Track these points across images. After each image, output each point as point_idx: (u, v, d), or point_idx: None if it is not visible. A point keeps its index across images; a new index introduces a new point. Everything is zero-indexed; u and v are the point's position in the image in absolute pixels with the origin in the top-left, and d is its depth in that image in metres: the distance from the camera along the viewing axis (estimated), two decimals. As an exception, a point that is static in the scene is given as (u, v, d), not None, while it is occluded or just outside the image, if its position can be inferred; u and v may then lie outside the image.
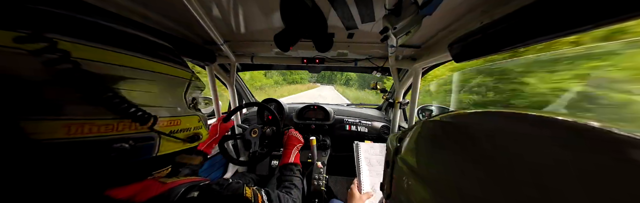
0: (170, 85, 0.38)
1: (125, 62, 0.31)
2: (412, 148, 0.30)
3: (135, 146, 0.32)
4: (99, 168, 0.31)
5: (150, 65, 0.35)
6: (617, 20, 0.33)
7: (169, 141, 0.39)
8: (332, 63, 1.35)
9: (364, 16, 0.79)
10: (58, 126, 0.25)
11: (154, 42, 0.39)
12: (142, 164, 0.37)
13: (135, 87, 0.32)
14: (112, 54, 0.30)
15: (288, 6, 0.72)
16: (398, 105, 1.51)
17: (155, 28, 0.83)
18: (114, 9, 0.67)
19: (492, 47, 0.56)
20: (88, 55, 0.28)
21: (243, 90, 1.97)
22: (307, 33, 0.90)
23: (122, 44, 0.32)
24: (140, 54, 0.33)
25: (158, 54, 0.37)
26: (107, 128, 0.29)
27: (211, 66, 1.32)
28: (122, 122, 0.31)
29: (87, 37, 0.29)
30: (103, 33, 0.31)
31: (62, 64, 0.25)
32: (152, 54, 0.36)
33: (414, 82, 1.25)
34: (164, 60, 0.37)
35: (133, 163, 0.35)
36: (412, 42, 1.08)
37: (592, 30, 0.36)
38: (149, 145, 0.35)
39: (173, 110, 0.39)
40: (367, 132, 1.70)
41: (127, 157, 0.32)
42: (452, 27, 0.82)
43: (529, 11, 0.45)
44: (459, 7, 0.67)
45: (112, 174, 0.34)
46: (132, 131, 0.32)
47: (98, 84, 0.28)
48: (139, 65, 0.33)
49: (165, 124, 0.37)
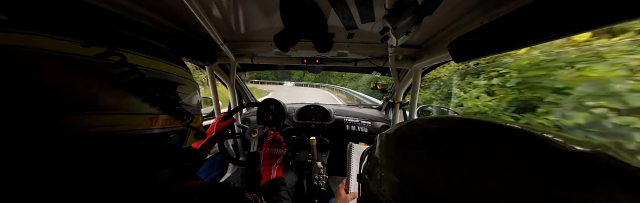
0: (191, 88, 0.45)
1: (169, 70, 0.39)
2: (382, 147, 0.34)
3: (178, 138, 0.40)
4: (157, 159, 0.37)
5: (182, 73, 0.42)
6: (617, 20, 0.33)
7: (190, 136, 0.45)
8: (332, 63, 1.35)
9: (364, 16, 0.79)
10: (142, 119, 0.32)
11: (178, 56, 0.47)
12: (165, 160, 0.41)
13: (178, 90, 0.40)
14: (160, 64, 0.37)
15: (288, 6, 0.72)
16: (398, 105, 1.51)
17: (155, 28, 0.83)
18: (114, 9, 0.67)
19: (492, 47, 0.56)
20: (146, 64, 0.34)
21: (243, 90, 1.97)
22: (307, 33, 0.90)
23: (164, 56, 0.39)
24: (175, 64, 0.41)
25: (184, 63, 0.45)
26: (166, 122, 0.36)
27: (211, 66, 1.32)
28: (172, 118, 0.38)
29: (143, 51, 0.35)
30: (151, 48, 0.38)
31: (133, 74, 0.31)
32: (182, 64, 0.44)
33: (414, 82, 1.25)
34: (186, 68, 0.45)
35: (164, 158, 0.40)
36: (412, 42, 1.08)
37: (592, 30, 0.36)
38: (183, 138, 0.42)
39: (194, 109, 0.46)
40: (367, 132, 1.70)
41: (173, 147, 0.40)
42: (452, 27, 0.82)
43: (529, 11, 0.45)
44: (459, 7, 0.67)
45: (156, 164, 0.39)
46: (178, 125, 0.40)
47: (157, 88, 0.34)
48: (176, 72, 0.40)
49: (193, 120, 0.45)
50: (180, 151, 0.45)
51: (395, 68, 1.33)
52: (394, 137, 0.32)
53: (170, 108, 0.37)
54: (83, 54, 0.27)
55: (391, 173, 0.27)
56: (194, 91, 0.46)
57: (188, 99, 0.43)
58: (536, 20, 0.43)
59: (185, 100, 0.41)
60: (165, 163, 0.42)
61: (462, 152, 0.23)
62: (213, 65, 1.32)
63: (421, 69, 1.20)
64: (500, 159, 0.20)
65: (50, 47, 0.25)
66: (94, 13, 0.61)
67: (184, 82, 0.42)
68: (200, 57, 1.12)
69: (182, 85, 0.41)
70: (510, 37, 0.50)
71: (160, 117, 0.35)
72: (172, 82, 0.39)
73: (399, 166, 0.27)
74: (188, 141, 0.44)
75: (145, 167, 0.36)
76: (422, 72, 1.26)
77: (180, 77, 0.41)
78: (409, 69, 1.25)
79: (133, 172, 0.35)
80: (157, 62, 0.36)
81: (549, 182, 0.17)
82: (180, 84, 0.40)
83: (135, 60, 0.32)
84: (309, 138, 1.34)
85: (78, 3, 0.57)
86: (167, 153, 0.40)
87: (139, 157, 0.34)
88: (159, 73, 0.36)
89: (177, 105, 0.38)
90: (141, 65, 0.33)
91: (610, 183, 0.16)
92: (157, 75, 0.36)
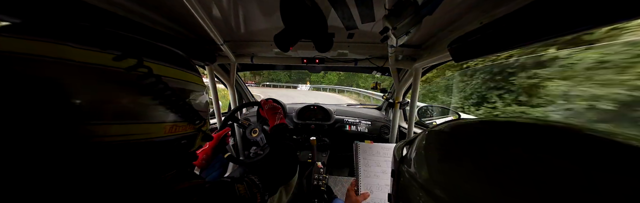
0: (202, 92, 0.46)
1: (187, 78, 0.39)
2: (421, 160, 0.30)
3: (188, 142, 0.40)
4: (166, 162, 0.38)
5: (197, 79, 0.43)
6: (617, 19, 0.33)
7: (198, 139, 0.45)
8: (332, 63, 1.35)
9: (364, 16, 0.79)
10: (162, 127, 0.33)
11: (193, 62, 0.48)
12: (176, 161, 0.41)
13: (193, 97, 0.40)
14: (178, 72, 0.38)
15: (288, 6, 0.72)
16: (398, 105, 1.51)
17: (155, 28, 0.83)
18: (114, 9, 0.67)
19: (492, 47, 0.56)
20: (170, 74, 0.35)
21: (243, 90, 1.97)
22: (307, 33, 0.90)
23: (182, 64, 0.40)
24: (191, 71, 0.42)
25: (196, 68, 0.46)
26: (183, 128, 0.37)
27: (211, 66, 1.32)
28: (187, 124, 0.38)
29: (166, 61, 0.36)
30: (172, 56, 0.38)
31: (159, 85, 0.31)
32: (196, 70, 0.45)
33: (414, 82, 1.25)
34: (198, 74, 0.46)
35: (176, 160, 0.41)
36: (412, 42, 1.08)
37: (592, 30, 0.36)
38: (192, 142, 0.43)
39: (205, 113, 0.46)
40: (367, 132, 1.70)
41: (183, 151, 0.41)
42: (452, 27, 0.82)
43: (529, 11, 0.45)
44: (459, 7, 0.67)
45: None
46: (190, 130, 0.40)
47: (179, 97, 0.35)
48: (193, 80, 0.41)
49: (204, 124, 0.45)
50: (188, 154, 0.45)
51: (395, 68, 1.33)
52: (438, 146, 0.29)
53: (189, 115, 0.38)
54: (114, 66, 0.28)
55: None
56: (204, 94, 0.47)
57: (201, 104, 0.43)
58: (536, 20, 0.43)
59: (200, 106, 0.42)
60: (172, 165, 0.42)
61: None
62: (213, 65, 1.32)
63: (421, 68, 1.20)
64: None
65: (79, 58, 0.25)
66: (95, 13, 0.61)
67: (197, 88, 0.42)
68: (200, 57, 1.12)
69: (196, 92, 0.42)
70: (510, 37, 0.50)
71: (179, 124, 0.36)
72: (190, 89, 0.40)
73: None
74: (196, 144, 0.45)
75: (153, 170, 0.37)
76: (422, 72, 1.26)
77: (197, 84, 0.42)
78: (409, 68, 1.25)
79: (141, 175, 0.35)
80: (177, 71, 0.37)
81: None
82: (195, 91, 0.41)
83: (160, 70, 0.33)
84: (309, 138, 1.34)
85: (79, 4, 0.57)
86: (175, 156, 0.40)
87: (149, 161, 0.35)
88: (179, 82, 0.37)
89: (195, 112, 0.39)
90: (165, 75, 0.34)
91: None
92: (179, 85, 0.37)
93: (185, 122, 0.38)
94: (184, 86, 0.38)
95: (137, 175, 0.34)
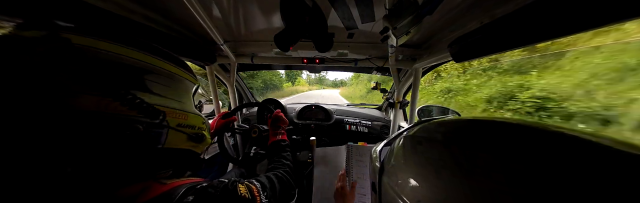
0: (182, 83, 0.45)
1: (143, 58, 0.38)
2: (402, 170, 0.29)
3: (146, 131, 0.36)
4: (115, 151, 0.35)
5: (165, 65, 0.42)
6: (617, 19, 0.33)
7: (176, 134, 0.42)
8: (332, 63, 1.35)
9: (364, 16, 0.80)
10: (95, 101, 0.31)
11: (177, 57, 0.48)
12: (148, 159, 0.39)
13: (157, 79, 0.39)
14: (136, 53, 0.38)
15: (288, 6, 0.72)
16: (398, 105, 1.51)
17: (155, 28, 0.83)
18: (114, 8, 0.67)
19: (492, 47, 0.56)
20: (110, 48, 0.35)
21: (243, 90, 1.97)
22: (307, 33, 0.90)
23: (146, 48, 0.40)
24: (159, 57, 0.41)
25: (178, 62, 0.46)
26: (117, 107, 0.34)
27: (211, 66, 1.32)
28: (121, 106, 0.35)
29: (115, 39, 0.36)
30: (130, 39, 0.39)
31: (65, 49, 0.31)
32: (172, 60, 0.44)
33: (414, 82, 1.25)
34: (177, 65, 0.45)
35: (141, 155, 0.38)
36: (412, 42, 1.08)
37: (593, 29, 0.36)
38: (158, 133, 0.39)
39: (182, 105, 0.44)
40: (367, 132, 1.70)
41: (139, 140, 0.36)
42: (452, 27, 0.82)
43: (529, 11, 0.45)
44: (459, 7, 0.67)
45: (123, 167, 0.36)
46: (134, 115, 0.36)
47: (117, 79, 0.34)
48: (157, 63, 0.40)
49: (174, 116, 0.42)
50: (178, 152, 0.45)
51: (395, 68, 1.33)
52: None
53: (130, 104, 0.35)
54: None
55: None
56: (186, 87, 0.46)
57: (162, 91, 0.40)
58: (536, 20, 0.43)
59: (158, 92, 0.39)
60: (163, 163, 0.42)
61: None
62: (213, 65, 1.32)
63: (421, 68, 1.20)
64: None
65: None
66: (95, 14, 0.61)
67: (169, 76, 0.42)
68: (200, 57, 1.12)
69: (163, 76, 0.41)
70: (510, 37, 0.50)
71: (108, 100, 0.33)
72: (147, 70, 0.39)
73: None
74: (167, 140, 0.41)
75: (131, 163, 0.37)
76: (422, 72, 1.26)
77: (164, 70, 0.41)
78: (409, 68, 1.25)
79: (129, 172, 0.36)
80: (130, 50, 0.37)
81: None
82: (159, 74, 0.40)
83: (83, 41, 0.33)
84: (309, 138, 1.33)
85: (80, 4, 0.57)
86: (150, 150, 0.38)
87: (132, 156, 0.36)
88: (131, 59, 0.37)
89: (139, 101, 0.35)
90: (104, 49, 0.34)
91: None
92: (124, 61, 0.36)
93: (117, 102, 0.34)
94: (139, 65, 0.38)
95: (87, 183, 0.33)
